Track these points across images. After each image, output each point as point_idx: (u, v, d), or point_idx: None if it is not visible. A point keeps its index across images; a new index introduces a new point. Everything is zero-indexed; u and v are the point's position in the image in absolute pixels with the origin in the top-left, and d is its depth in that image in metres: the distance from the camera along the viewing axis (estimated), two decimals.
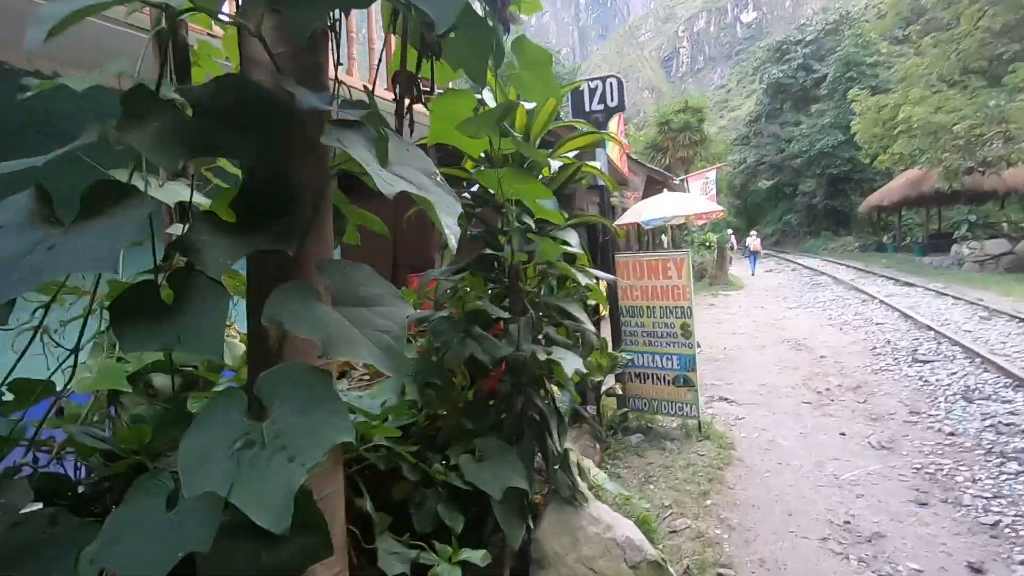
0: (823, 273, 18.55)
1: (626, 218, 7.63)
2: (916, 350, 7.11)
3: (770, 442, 4.57)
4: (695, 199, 7.51)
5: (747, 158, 41.55)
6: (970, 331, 7.78)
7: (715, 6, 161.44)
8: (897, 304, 10.19)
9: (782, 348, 8.12)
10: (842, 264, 21.84)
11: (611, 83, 4.53)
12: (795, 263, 24.44)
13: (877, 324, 8.93)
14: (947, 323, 8.33)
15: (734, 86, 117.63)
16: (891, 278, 15.33)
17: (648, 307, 4.72)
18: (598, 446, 4.10)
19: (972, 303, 10.04)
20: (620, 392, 4.79)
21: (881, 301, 10.84)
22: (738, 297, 14.72)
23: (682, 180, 14.82)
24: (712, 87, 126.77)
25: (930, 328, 7.90)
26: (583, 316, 2.46)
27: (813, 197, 33.37)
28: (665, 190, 12.54)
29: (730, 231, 29.62)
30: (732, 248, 28.36)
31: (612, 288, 4.74)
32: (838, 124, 29.54)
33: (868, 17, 30.18)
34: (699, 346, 8.17)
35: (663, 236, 34.24)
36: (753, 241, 22.78)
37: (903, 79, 18.79)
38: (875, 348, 7.55)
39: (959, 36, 17.12)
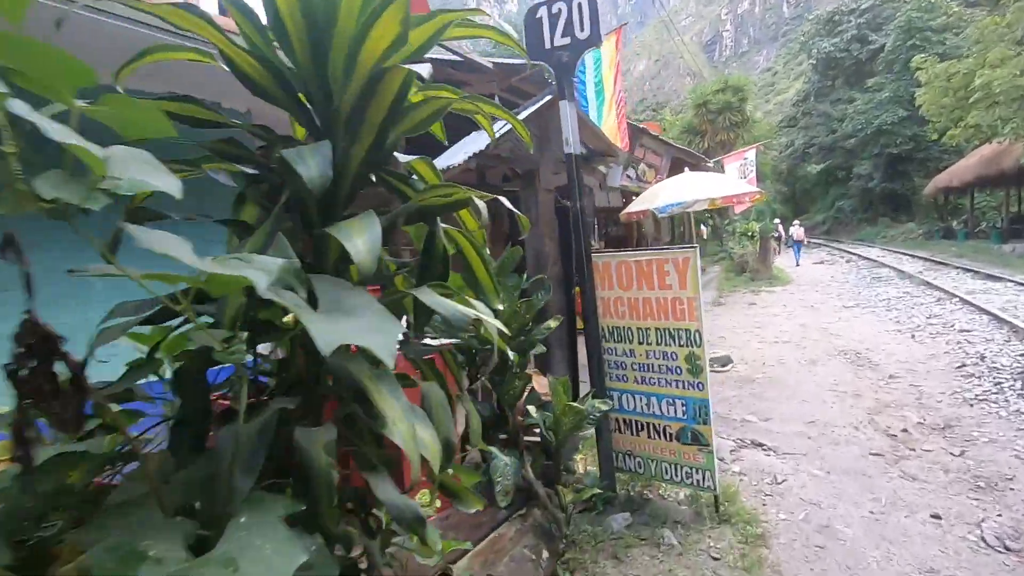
0: (884, 264, 16.36)
1: (637, 205, 6.16)
2: None
3: (823, 528, 3.08)
4: (725, 180, 5.97)
5: (795, 141, 38.70)
6: None
7: None
8: (985, 304, 8.29)
9: (838, 363, 6.47)
10: (905, 254, 19.44)
11: (578, 4, 3.11)
12: (850, 253, 22.08)
13: (961, 332, 7.13)
14: None
15: (780, 68, 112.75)
16: (969, 270, 13.14)
17: (640, 329, 3.29)
18: (546, 553, 2.69)
19: None
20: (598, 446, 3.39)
21: (962, 300, 8.93)
22: (783, 294, 12.89)
23: (717, 162, 13.09)
24: (758, 70, 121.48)
25: None
26: (399, 399, 1.08)
27: (869, 180, 30.47)
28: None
29: (777, 220, 27.26)
30: (780, 239, 25.99)
31: (588, 299, 3.34)
32: (898, 99, 26.68)
33: None
34: (730, 362, 6.67)
35: (703, 226, 32.19)
36: (797, 230, 21.71)
37: (978, 41, 16.27)
38: (964, 366, 5.83)
39: None
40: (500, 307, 1.35)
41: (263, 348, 1.08)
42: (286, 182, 1.05)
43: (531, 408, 2.97)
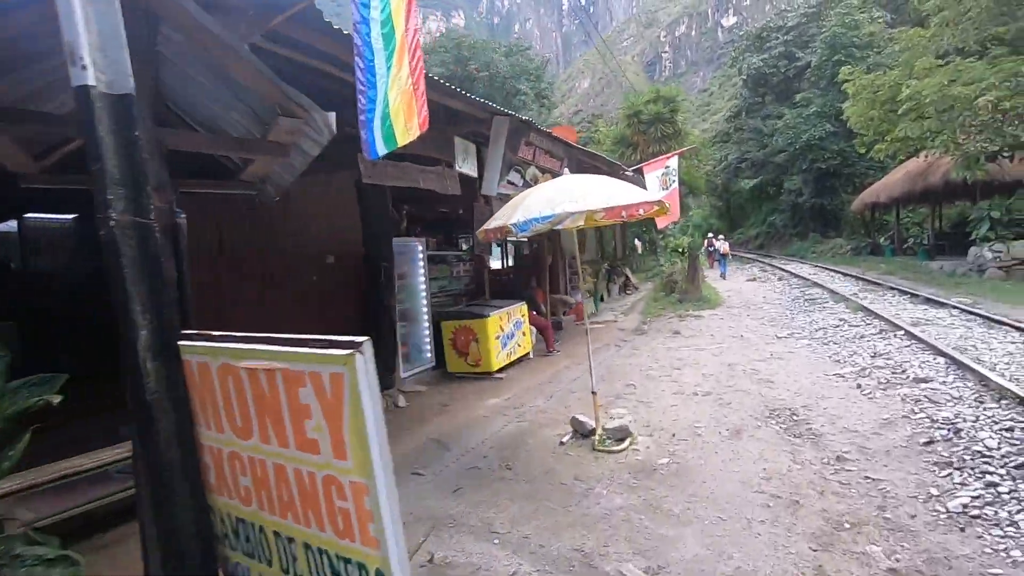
0: (816, 284, 15.39)
1: (494, 220, 4.38)
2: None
3: None
4: (618, 187, 4.26)
5: (728, 155, 38.73)
6: None
7: (696, 11, 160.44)
8: (936, 340, 6.95)
9: (769, 435, 4.81)
10: (836, 271, 18.76)
11: None
12: (781, 270, 21.35)
13: (918, 382, 5.65)
14: None
15: (716, 89, 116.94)
16: (904, 291, 12.17)
17: (279, 537, 1.35)
18: None
19: None
20: None
21: (908, 333, 7.59)
22: (712, 320, 11.46)
23: (635, 171, 11.60)
24: (695, 91, 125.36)
25: None
26: None
27: (799, 195, 30.41)
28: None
29: (711, 234, 26.59)
30: (712, 253, 25.43)
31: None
32: (825, 114, 26.59)
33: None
34: (628, 436, 4.84)
35: (637, 241, 31.23)
36: (722, 244, 22.81)
37: (904, 50, 15.75)
38: (933, 442, 4.26)
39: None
40: None
41: None
42: None
43: None
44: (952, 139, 12.72)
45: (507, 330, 8.11)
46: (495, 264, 12.54)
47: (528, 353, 8.88)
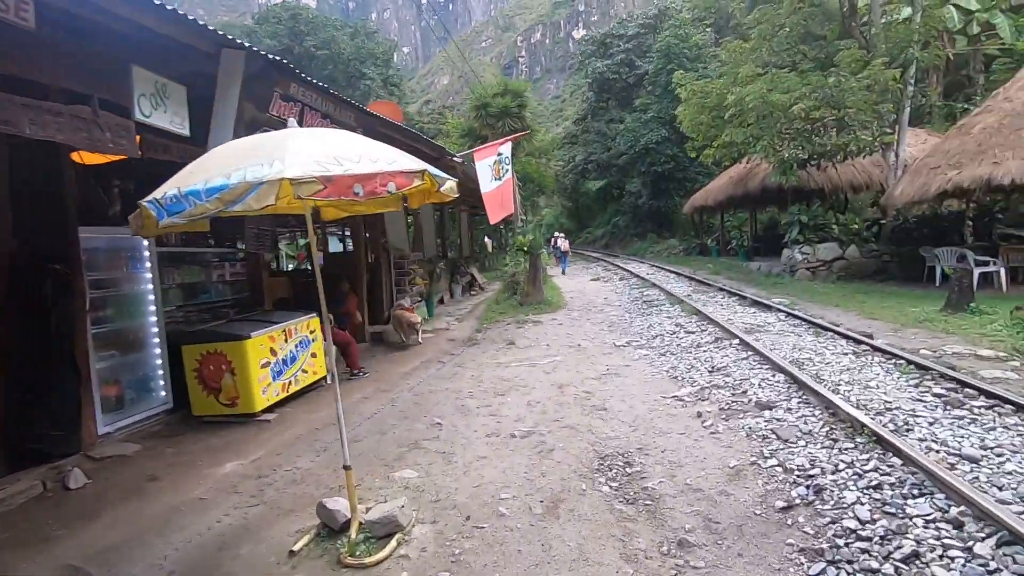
0: (654, 284, 15.36)
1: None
2: (900, 526, 2.91)
3: None
4: (366, 151, 2.67)
5: (576, 156, 39.62)
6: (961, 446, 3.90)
7: (550, 20, 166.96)
8: (771, 351, 6.39)
9: (595, 505, 3.51)
10: (671, 271, 19.28)
11: None
12: (623, 269, 21.63)
13: (762, 408, 4.81)
14: (889, 408, 4.44)
15: (568, 97, 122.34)
16: (732, 292, 12.30)
17: None
18: None
19: (861, 342, 6.64)
20: None
21: (743, 343, 7.02)
22: (551, 326, 10.43)
23: (466, 158, 10.17)
24: (549, 97, 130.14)
25: (884, 444, 3.72)
26: None
27: (639, 198, 31.82)
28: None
29: (558, 233, 26.59)
30: (553, 251, 25.52)
31: None
32: (661, 119, 27.90)
33: (685, 10, 29.15)
34: (399, 529, 3.02)
35: (487, 239, 30.29)
36: (563, 242, 23.79)
37: (726, 62, 16.43)
38: (791, 507, 3.24)
39: (784, 14, 15.08)
40: None
41: None
42: None
43: None
44: (771, 145, 13.23)
45: (283, 353, 6.09)
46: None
47: (323, 379, 6.94)
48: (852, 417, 4.00)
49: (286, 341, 6.17)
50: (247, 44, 4.22)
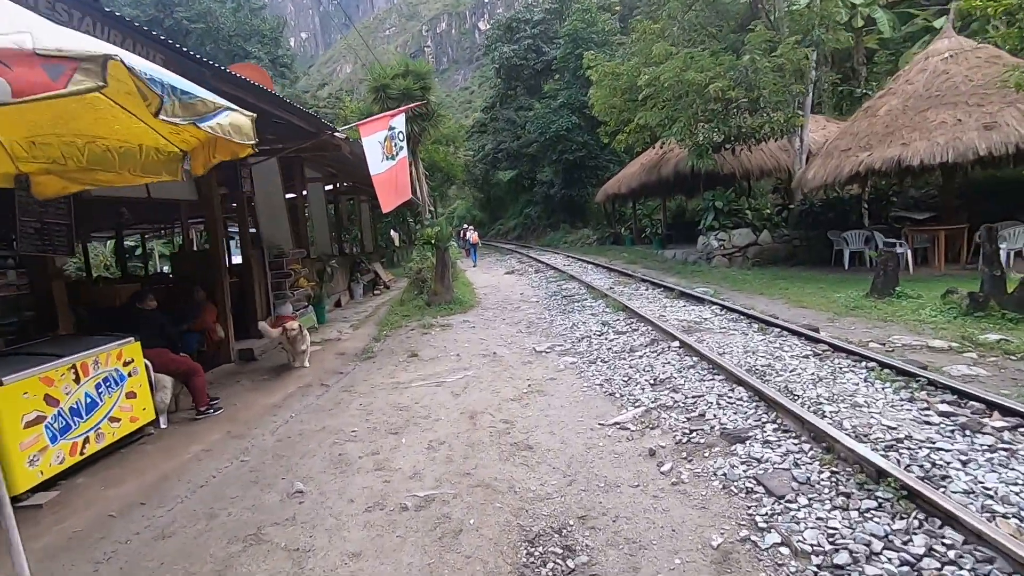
0: (572, 276, 14.41)
1: None
2: None
3: None
4: None
5: (485, 145, 38.30)
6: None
7: (455, 11, 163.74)
8: (720, 357, 5.40)
9: None
10: (587, 262, 18.53)
11: None
12: (538, 261, 20.66)
13: (730, 439, 3.73)
14: (898, 439, 3.48)
15: (476, 88, 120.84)
16: (654, 283, 11.55)
17: None
18: None
19: (818, 340, 5.87)
20: None
21: (684, 344, 6.02)
22: (461, 331, 9.05)
23: (350, 133, 8.47)
24: (457, 88, 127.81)
25: (923, 502, 2.63)
26: None
27: (551, 187, 31.11)
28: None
29: (467, 225, 25.26)
30: (462, 243, 24.36)
31: None
32: (570, 105, 27.22)
33: None
34: None
35: (393, 231, 28.34)
36: (472, 234, 23.75)
37: (639, 40, 15.76)
38: None
39: None
40: None
41: None
42: None
43: None
44: (688, 127, 12.62)
45: (72, 400, 4.23)
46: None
47: (150, 424, 5.10)
48: (860, 457, 2.97)
49: (77, 382, 4.30)
50: None
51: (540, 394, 5.46)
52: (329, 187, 15.55)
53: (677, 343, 6.06)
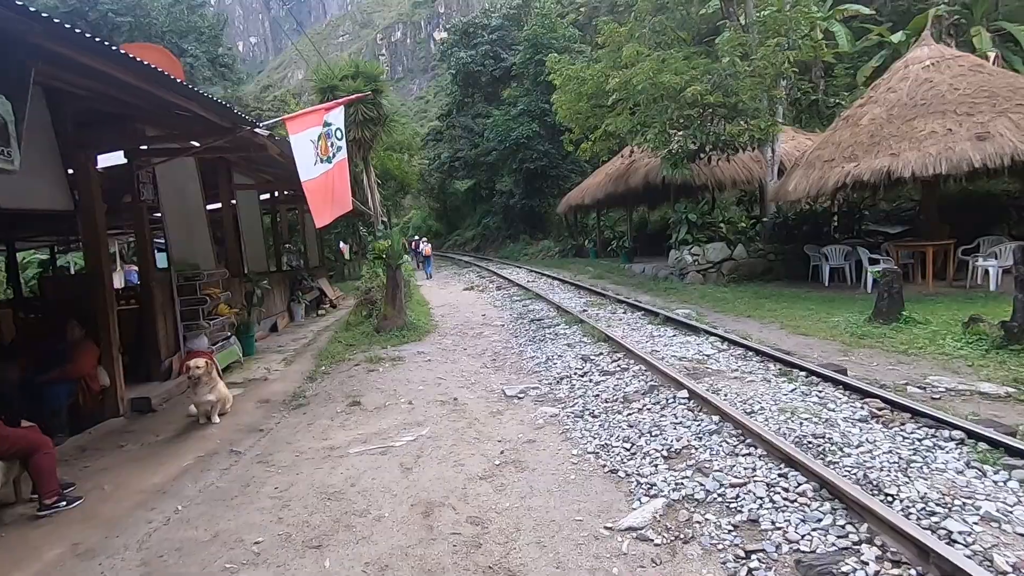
0: (538, 295, 13.21)
1: None
2: None
3: None
4: None
5: (441, 154, 36.89)
6: None
7: (410, 20, 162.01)
8: (744, 413, 4.25)
9: None
10: (552, 277, 17.40)
11: None
12: (499, 276, 19.40)
13: (804, 566, 2.54)
14: None
15: (432, 98, 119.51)
16: (630, 304, 10.49)
17: None
18: None
19: (869, 393, 4.82)
20: None
21: (695, 395, 4.84)
22: (414, 367, 7.65)
23: (276, 126, 6.99)
24: (412, 97, 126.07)
25: None
26: None
27: (511, 197, 29.99)
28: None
29: (417, 237, 23.88)
30: (415, 257, 23.01)
31: None
32: (531, 112, 26.20)
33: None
34: None
35: (342, 244, 26.49)
36: (425, 246, 23.09)
37: (606, 41, 14.84)
38: None
39: None
40: None
41: None
42: None
43: None
44: (663, 134, 11.68)
45: None
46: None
47: None
48: None
49: None
50: None
51: (517, 468, 4.16)
52: (266, 196, 13.82)
53: (685, 393, 4.87)
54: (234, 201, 11.40)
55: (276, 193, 14.34)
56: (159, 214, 7.94)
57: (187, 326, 7.59)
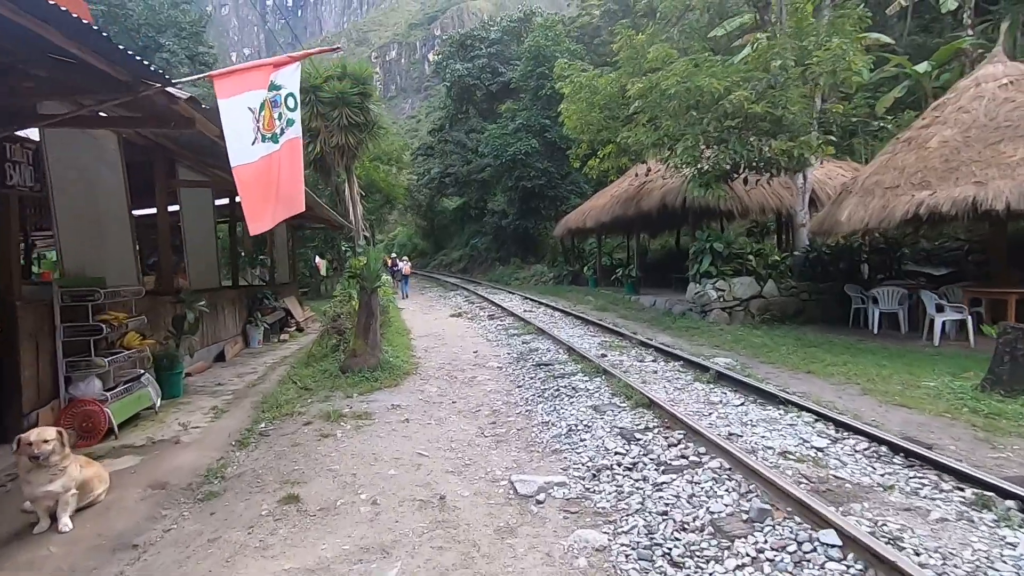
0: (540, 329, 11.28)
1: None
2: None
3: None
4: None
5: (432, 169, 35.15)
6: None
7: (405, 40, 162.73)
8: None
9: None
10: (551, 307, 15.51)
11: None
12: (491, 303, 17.44)
13: None
14: None
15: (423, 117, 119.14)
16: (656, 347, 8.61)
17: None
18: None
19: None
20: None
21: (849, 540, 2.90)
22: (385, 431, 5.60)
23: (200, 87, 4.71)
24: (404, 116, 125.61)
25: None
26: None
27: (504, 217, 28.19)
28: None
29: (394, 254, 22.05)
30: (394, 275, 20.96)
31: None
32: (531, 127, 24.58)
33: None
34: None
35: (319, 258, 24.28)
36: (405, 266, 22.69)
37: (623, 48, 13.22)
38: None
39: None
40: None
41: None
42: None
43: None
44: (695, 146, 9.96)
45: None
46: None
47: None
48: None
49: None
50: None
51: None
52: (225, 200, 11.76)
53: (832, 536, 2.91)
54: (176, 205, 9.39)
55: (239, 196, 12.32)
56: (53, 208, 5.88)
57: (73, 363, 5.48)
